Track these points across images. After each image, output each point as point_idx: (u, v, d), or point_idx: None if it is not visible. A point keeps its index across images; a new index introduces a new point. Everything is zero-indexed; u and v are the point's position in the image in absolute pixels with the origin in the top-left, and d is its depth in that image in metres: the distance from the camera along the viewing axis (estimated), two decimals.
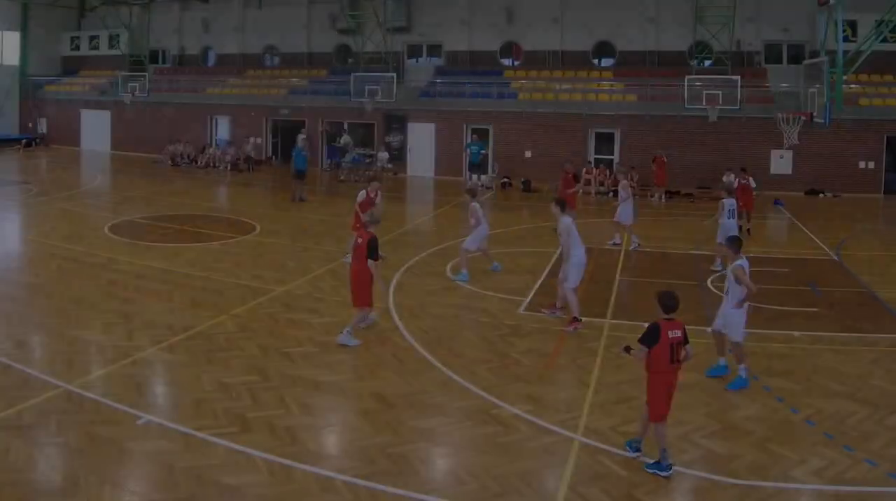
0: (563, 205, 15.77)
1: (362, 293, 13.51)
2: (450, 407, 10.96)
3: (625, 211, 22.92)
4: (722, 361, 12.48)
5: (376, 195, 19.77)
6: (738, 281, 12.04)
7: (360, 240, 13.49)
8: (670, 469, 9.07)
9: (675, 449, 9.61)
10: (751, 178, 28.14)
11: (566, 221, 15.04)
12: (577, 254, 14.96)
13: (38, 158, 47.86)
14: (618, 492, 8.65)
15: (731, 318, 12.20)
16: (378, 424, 10.31)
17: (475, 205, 19.19)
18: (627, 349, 9.47)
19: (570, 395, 11.47)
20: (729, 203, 20.22)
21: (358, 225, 18.50)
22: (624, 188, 23.37)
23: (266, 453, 9.31)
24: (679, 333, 9.15)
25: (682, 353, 9.22)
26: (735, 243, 12.55)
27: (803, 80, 33.84)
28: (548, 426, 10.34)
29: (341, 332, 13.51)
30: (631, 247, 22.51)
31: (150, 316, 14.87)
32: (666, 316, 9.28)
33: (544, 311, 15.79)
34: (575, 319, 14.76)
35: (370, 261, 13.24)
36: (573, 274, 14.86)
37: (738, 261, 12.16)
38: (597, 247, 22.12)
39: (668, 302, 9.32)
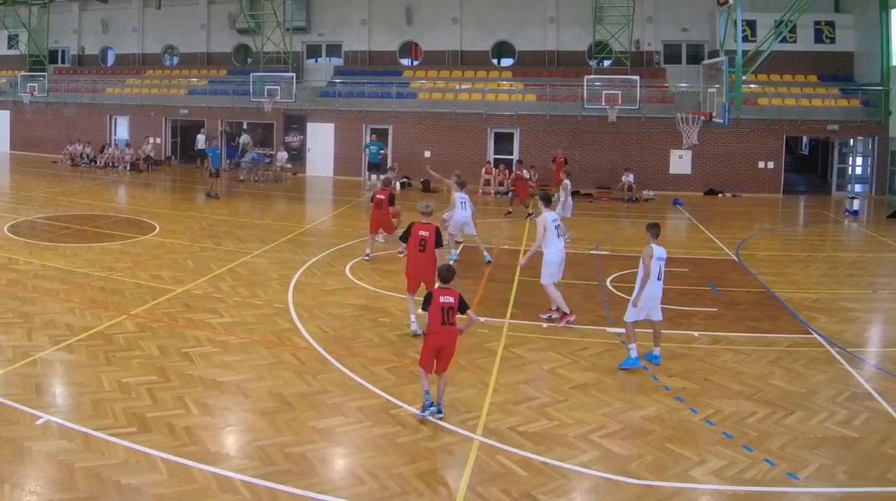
0: (548, 200, 16.26)
1: (433, 277, 13.74)
2: (349, 407, 10.98)
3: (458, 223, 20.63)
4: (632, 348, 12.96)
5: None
6: (641, 262, 12.84)
7: (424, 233, 14.41)
8: (424, 412, 10.60)
9: (574, 450, 9.83)
10: (525, 170, 29.81)
11: (547, 216, 15.45)
12: (551, 251, 15.31)
13: None
14: (517, 492, 8.73)
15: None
16: (277, 424, 10.30)
17: (456, 194, 20.50)
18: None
19: (469, 395, 11.53)
20: (570, 183, 25.08)
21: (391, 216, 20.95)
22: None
23: (166, 453, 9.24)
24: (451, 300, 10.61)
25: (455, 317, 10.68)
26: (655, 229, 13.20)
27: (702, 80, 34.49)
28: (447, 426, 10.42)
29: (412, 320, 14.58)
30: (451, 259, 20.19)
31: (50, 316, 14.63)
32: (442, 285, 10.82)
33: (542, 317, 15.69)
34: (564, 314, 15.21)
35: (438, 249, 14.52)
36: (546, 269, 15.24)
37: (652, 245, 12.92)
38: (496, 247, 22.55)
39: (444, 275, 10.97)
